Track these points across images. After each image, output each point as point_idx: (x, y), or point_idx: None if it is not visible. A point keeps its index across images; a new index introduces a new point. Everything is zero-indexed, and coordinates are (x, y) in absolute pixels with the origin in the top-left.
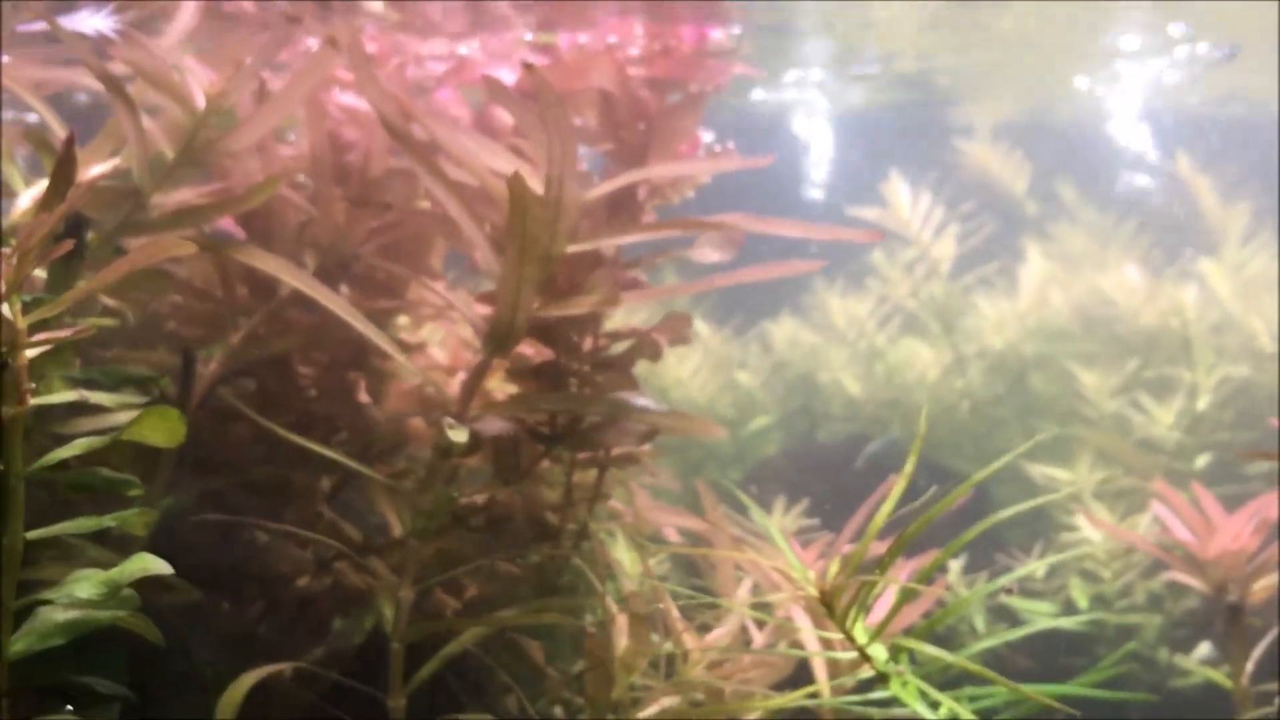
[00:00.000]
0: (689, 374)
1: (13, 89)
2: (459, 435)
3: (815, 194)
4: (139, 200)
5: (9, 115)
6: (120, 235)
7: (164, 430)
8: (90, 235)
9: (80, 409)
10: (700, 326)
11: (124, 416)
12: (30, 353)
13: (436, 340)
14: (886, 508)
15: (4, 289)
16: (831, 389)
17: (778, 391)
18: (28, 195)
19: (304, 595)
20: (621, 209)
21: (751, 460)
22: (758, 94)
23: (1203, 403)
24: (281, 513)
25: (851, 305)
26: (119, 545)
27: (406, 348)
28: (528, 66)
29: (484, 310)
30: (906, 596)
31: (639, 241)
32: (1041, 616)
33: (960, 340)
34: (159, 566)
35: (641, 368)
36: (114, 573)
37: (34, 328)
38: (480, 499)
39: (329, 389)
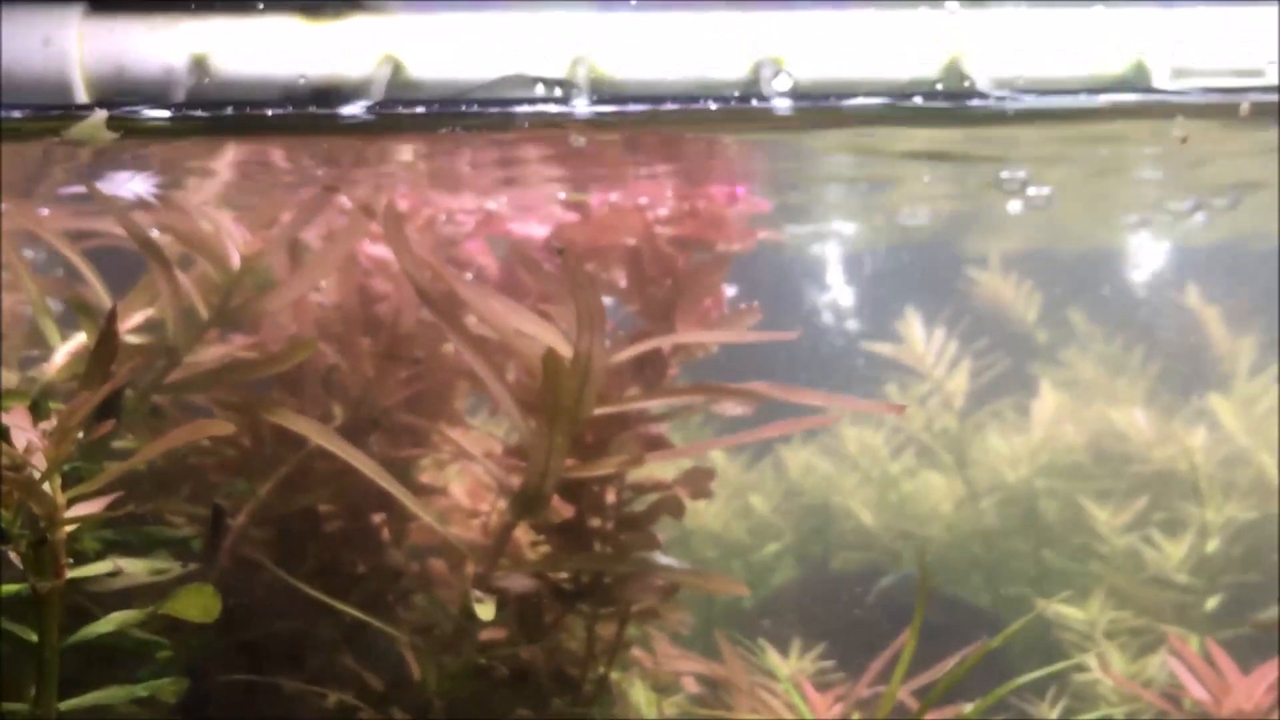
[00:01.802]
0: (703, 503)
1: (51, 240)
2: (486, 612)
3: (833, 325)
4: (174, 358)
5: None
6: (155, 393)
7: (199, 608)
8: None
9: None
10: (716, 456)
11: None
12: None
13: (454, 472)
14: (899, 672)
15: (45, 468)
16: (845, 516)
17: (791, 517)
18: (63, 351)
19: None
20: (648, 366)
21: (765, 589)
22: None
23: (1212, 545)
24: (305, 659)
25: (865, 435)
26: (148, 701)
27: (430, 490)
28: (560, 250)
29: (507, 462)
30: None
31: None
32: None
33: (974, 474)
34: None
35: None
36: None
37: (71, 501)
38: (502, 651)
39: (352, 535)
